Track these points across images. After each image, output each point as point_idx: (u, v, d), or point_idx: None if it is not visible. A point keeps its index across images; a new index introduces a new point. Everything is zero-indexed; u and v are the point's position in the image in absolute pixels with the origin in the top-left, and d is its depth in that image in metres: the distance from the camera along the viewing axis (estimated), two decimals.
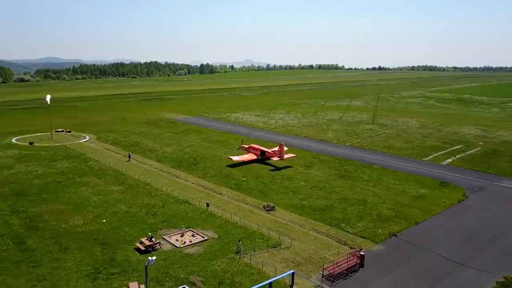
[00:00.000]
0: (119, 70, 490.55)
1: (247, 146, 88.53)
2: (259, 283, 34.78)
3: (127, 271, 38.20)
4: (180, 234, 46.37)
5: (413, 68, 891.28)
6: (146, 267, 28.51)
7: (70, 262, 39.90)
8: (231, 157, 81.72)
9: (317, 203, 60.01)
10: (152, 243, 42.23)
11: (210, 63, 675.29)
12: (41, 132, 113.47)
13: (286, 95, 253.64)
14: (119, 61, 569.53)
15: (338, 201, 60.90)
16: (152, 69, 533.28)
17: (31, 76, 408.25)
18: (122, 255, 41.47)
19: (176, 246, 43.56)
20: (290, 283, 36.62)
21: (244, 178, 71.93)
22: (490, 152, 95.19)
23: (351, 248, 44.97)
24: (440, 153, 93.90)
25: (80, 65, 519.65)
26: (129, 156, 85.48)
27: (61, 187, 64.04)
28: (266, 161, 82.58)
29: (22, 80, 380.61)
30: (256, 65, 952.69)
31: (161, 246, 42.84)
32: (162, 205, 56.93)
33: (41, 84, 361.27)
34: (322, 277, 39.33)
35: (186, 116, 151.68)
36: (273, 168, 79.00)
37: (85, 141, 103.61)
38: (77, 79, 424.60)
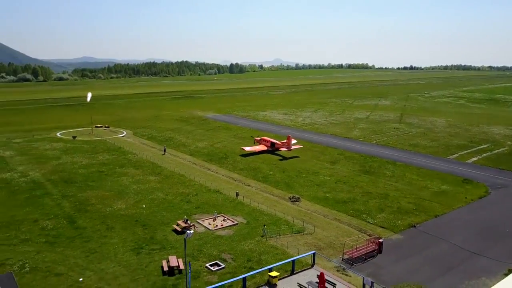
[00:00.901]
0: (152, 70, 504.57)
1: (258, 138, 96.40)
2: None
3: (166, 248, 42.98)
4: (212, 219, 50.91)
5: (446, 67, 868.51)
6: (185, 239, 32.90)
7: (116, 239, 45.11)
8: (243, 147, 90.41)
9: (340, 196, 63.24)
10: (187, 225, 46.88)
11: (240, 62, 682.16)
12: (82, 128, 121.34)
13: (314, 94, 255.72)
14: (151, 61, 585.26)
15: (360, 195, 63.89)
16: (183, 68, 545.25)
17: (69, 75, 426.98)
18: (161, 235, 46.37)
19: (209, 229, 48.08)
20: (312, 262, 40.31)
21: (271, 172, 75.90)
22: None
23: (369, 235, 48.11)
24: (466, 151, 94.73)
25: (114, 64, 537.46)
26: (164, 150, 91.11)
27: (103, 176, 70.07)
28: (275, 152, 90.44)
29: (61, 79, 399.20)
30: (285, 64, 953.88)
31: (196, 228, 47.42)
32: (196, 193, 61.72)
33: (79, 82, 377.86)
34: (342, 260, 42.77)
35: (216, 114, 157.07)
36: (281, 158, 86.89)
37: (123, 136, 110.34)
38: (111, 78, 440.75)
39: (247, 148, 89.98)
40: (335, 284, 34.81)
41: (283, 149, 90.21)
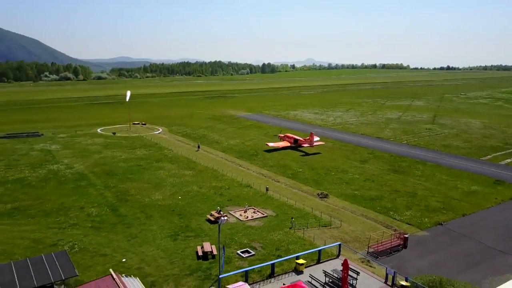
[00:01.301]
0: (186, 69, 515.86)
1: (282, 135, 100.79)
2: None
3: (200, 235, 46.07)
4: (243, 211, 53.71)
5: (485, 68, 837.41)
6: (219, 225, 35.70)
7: (155, 226, 48.66)
8: (267, 143, 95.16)
9: (368, 193, 64.53)
10: (220, 215, 49.83)
11: (272, 62, 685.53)
12: (120, 124, 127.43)
13: (346, 94, 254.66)
14: (184, 61, 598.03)
15: (388, 193, 64.91)
16: (216, 68, 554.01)
17: (107, 74, 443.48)
18: (196, 224, 49.56)
19: (240, 220, 50.87)
20: (337, 253, 42.27)
21: (300, 169, 77.94)
22: None
23: (395, 231, 49.43)
24: (500, 153, 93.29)
25: (150, 64, 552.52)
26: (198, 147, 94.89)
27: (142, 170, 74.36)
28: (299, 148, 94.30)
29: (99, 78, 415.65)
30: (318, 64, 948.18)
31: (228, 219, 50.32)
32: (228, 187, 64.71)
33: (116, 81, 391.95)
34: (367, 253, 44.46)
35: (248, 113, 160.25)
36: (303, 154, 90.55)
37: (158, 133, 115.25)
38: (147, 77, 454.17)
39: (271, 144, 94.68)
40: (359, 273, 36.66)
41: (306, 145, 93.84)
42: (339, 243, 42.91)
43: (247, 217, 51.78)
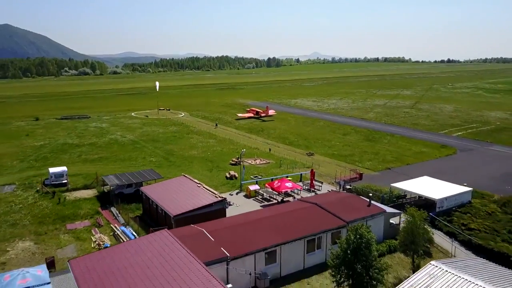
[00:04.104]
0: (195, 64, 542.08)
1: (249, 109, 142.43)
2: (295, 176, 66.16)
3: (226, 169, 71.31)
4: (253, 159, 78.98)
5: (485, 60, 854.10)
6: (241, 154, 60.72)
7: (196, 166, 74.07)
8: (238, 114, 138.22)
9: (343, 153, 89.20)
10: (238, 160, 75.09)
11: (277, 56, 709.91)
12: (148, 110, 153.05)
13: (344, 85, 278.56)
14: (190, 55, 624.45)
15: (359, 153, 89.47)
16: (223, 63, 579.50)
17: (121, 69, 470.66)
18: (222, 165, 74.93)
19: (252, 164, 76.16)
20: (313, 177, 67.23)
21: (296, 139, 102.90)
22: (500, 129, 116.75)
23: (354, 170, 74.38)
24: (456, 129, 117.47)
25: (161, 59, 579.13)
26: (216, 125, 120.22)
27: (177, 138, 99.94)
28: (260, 118, 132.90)
29: (115, 72, 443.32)
30: (323, 58, 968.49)
31: (243, 162, 75.54)
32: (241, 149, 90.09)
33: (131, 76, 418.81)
34: (334, 181, 69.30)
35: (254, 101, 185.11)
36: (262, 120, 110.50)
37: (182, 116, 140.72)
38: (159, 71, 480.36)
39: (240, 114, 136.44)
40: (322, 182, 61.74)
41: (263, 115, 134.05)
42: (311, 169, 67.94)
43: (256, 162, 77.13)
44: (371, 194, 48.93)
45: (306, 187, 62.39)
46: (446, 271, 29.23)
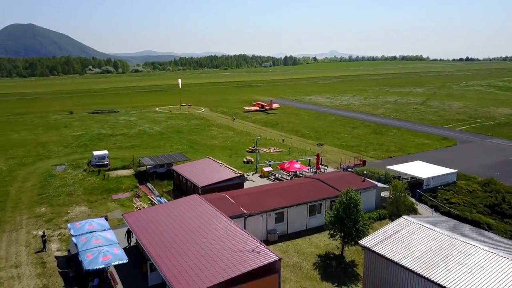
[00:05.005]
0: (213, 63, 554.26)
1: (255, 103, 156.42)
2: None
3: (244, 155, 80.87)
4: (268, 148, 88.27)
5: (505, 58, 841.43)
6: (256, 141, 69.96)
7: (217, 152, 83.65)
8: (245, 107, 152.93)
9: (351, 143, 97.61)
10: (254, 148, 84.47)
11: (295, 55, 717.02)
12: (170, 106, 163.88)
13: (358, 83, 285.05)
14: (208, 54, 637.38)
15: (365, 144, 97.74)
16: (241, 61, 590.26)
17: (142, 67, 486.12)
18: (240, 152, 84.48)
19: (266, 152, 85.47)
20: (320, 162, 76.02)
21: (307, 132, 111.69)
22: (503, 124, 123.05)
23: (357, 158, 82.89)
24: (460, 123, 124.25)
25: (180, 58, 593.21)
26: (234, 119, 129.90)
27: (199, 130, 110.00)
28: (264, 110, 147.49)
29: (136, 71, 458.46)
30: (340, 56, 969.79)
31: (259, 150, 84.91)
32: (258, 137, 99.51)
33: (153, 74, 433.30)
34: (339, 166, 77.96)
35: (271, 98, 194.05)
36: (267, 113, 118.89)
37: (202, 111, 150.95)
38: (178, 70, 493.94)
39: (247, 108, 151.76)
40: (327, 166, 70.56)
41: (268, 107, 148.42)
42: (317, 153, 76.71)
43: (271, 150, 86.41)
44: (365, 172, 57.66)
45: (313, 170, 71.32)
46: (413, 221, 37.88)
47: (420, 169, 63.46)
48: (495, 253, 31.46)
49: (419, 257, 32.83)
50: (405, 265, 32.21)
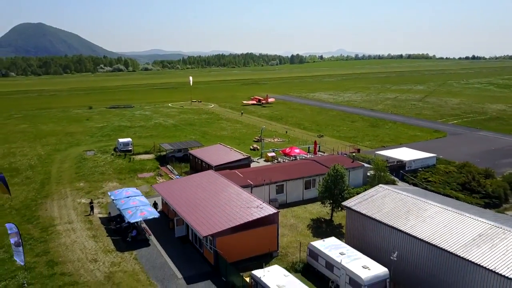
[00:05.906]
0: (221, 61, 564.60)
1: (252, 97, 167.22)
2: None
3: (250, 144, 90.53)
4: (272, 138, 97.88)
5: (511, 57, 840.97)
6: (261, 130, 79.47)
7: (227, 141, 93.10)
8: (243, 101, 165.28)
9: (349, 135, 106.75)
10: (259, 137, 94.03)
11: (302, 53, 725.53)
12: (182, 101, 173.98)
13: (362, 80, 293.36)
14: (215, 53, 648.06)
15: (362, 135, 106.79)
16: (248, 60, 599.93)
17: (152, 66, 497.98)
18: (247, 141, 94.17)
19: (271, 141, 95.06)
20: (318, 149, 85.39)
21: (310, 125, 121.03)
22: (493, 118, 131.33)
23: (353, 147, 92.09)
24: (453, 118, 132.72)
25: (188, 56, 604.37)
26: (242, 113, 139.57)
27: (210, 123, 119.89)
28: (261, 104, 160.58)
29: (146, 69, 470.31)
30: (347, 55, 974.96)
31: (264, 140, 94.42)
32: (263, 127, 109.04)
33: (162, 72, 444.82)
34: (336, 152, 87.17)
35: (276, 95, 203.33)
36: (264, 106, 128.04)
37: (212, 107, 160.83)
38: (187, 68, 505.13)
39: (245, 101, 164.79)
40: (324, 152, 79.92)
41: (264, 102, 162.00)
42: (315, 140, 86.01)
43: (275, 140, 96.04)
44: (354, 154, 67.02)
45: (311, 155, 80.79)
46: (387, 189, 47.22)
47: (405, 154, 72.72)
48: (444, 208, 40.82)
49: (387, 212, 42.30)
50: (376, 218, 41.69)
